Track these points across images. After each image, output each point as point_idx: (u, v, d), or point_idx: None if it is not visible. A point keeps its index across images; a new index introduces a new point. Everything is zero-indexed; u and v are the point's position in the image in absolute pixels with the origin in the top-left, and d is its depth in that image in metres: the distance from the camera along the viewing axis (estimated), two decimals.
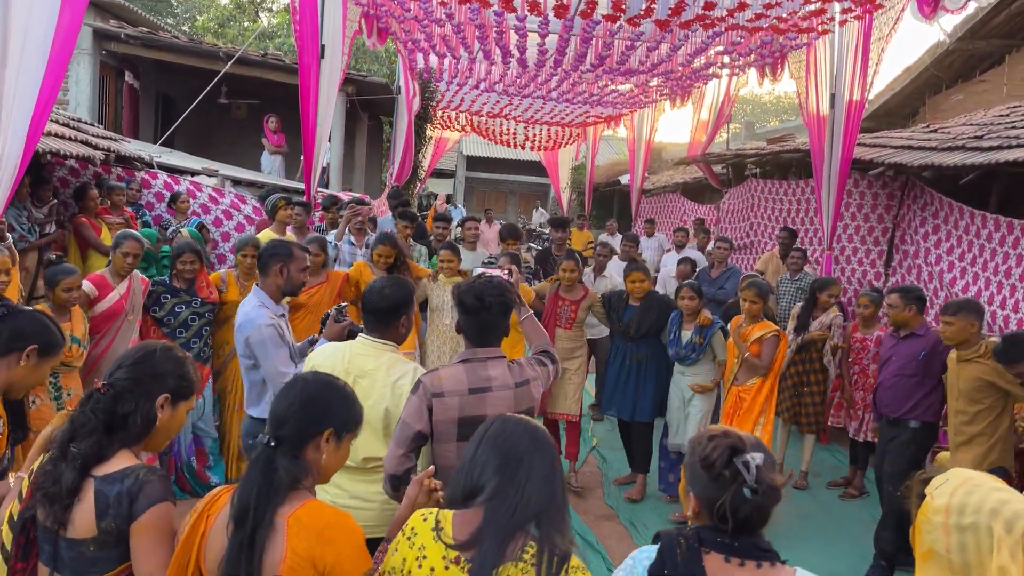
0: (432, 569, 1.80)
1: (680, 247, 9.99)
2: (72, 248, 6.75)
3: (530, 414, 2.77)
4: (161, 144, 10.36)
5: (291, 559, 1.75)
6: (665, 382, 5.73)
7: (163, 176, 8.21)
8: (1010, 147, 6.40)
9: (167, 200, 7.85)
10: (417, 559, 1.82)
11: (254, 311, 3.69)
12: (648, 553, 1.83)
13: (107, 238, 6.56)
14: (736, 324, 5.51)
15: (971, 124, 8.45)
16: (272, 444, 1.89)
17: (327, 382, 2.08)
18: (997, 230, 6.55)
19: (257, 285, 3.84)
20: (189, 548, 1.86)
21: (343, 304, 3.92)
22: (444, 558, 1.80)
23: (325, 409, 2.00)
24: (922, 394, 4.85)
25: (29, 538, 1.97)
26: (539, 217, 23.81)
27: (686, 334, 5.52)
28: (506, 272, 3.36)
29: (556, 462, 1.96)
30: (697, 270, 8.29)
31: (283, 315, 3.87)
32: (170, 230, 7.31)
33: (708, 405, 5.53)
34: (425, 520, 1.88)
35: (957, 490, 1.74)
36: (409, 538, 1.87)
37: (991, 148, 6.64)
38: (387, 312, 3.10)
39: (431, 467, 2.25)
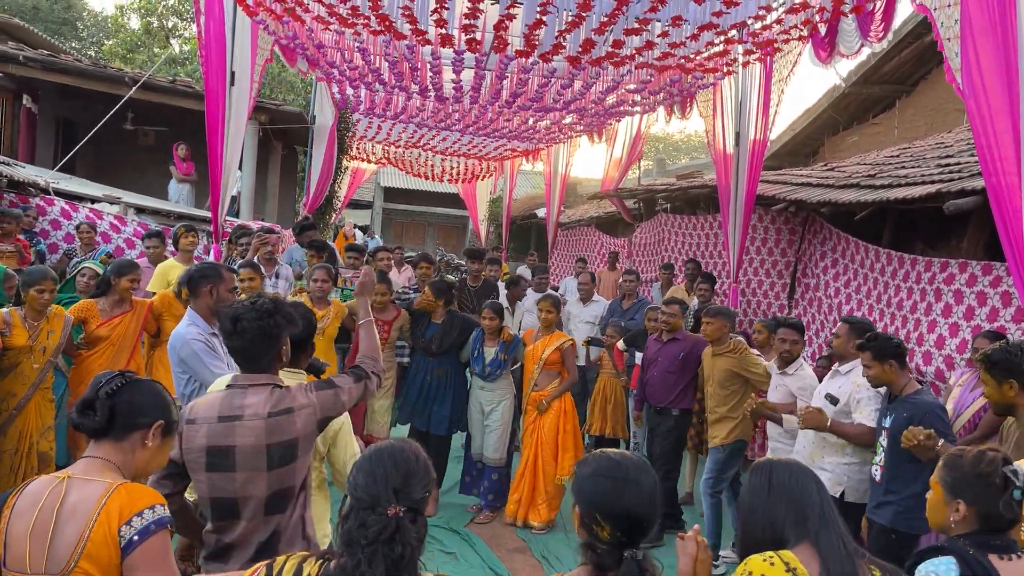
0: None
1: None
2: None
3: (292, 446, 2.55)
4: (60, 170, 9.94)
5: None
6: (462, 398, 6.09)
7: (60, 203, 7.86)
8: (899, 185, 6.77)
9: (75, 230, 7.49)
10: None
11: (184, 328, 3.79)
12: (946, 565, 2.14)
13: None
14: (530, 335, 6.11)
15: (865, 164, 8.90)
16: None
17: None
18: (889, 264, 6.88)
19: (190, 307, 3.88)
20: None
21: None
22: None
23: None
24: (681, 387, 5.95)
25: None
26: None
27: (489, 352, 5.92)
28: (351, 275, 3.27)
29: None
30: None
31: (215, 334, 3.83)
32: (73, 261, 6.99)
33: (507, 417, 6.03)
34: (773, 565, 1.98)
35: None
36: None
37: (883, 186, 7.00)
38: (300, 341, 3.05)
39: (696, 526, 2.18)
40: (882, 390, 4.14)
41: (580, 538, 1.96)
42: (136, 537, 1.98)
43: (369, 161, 16.62)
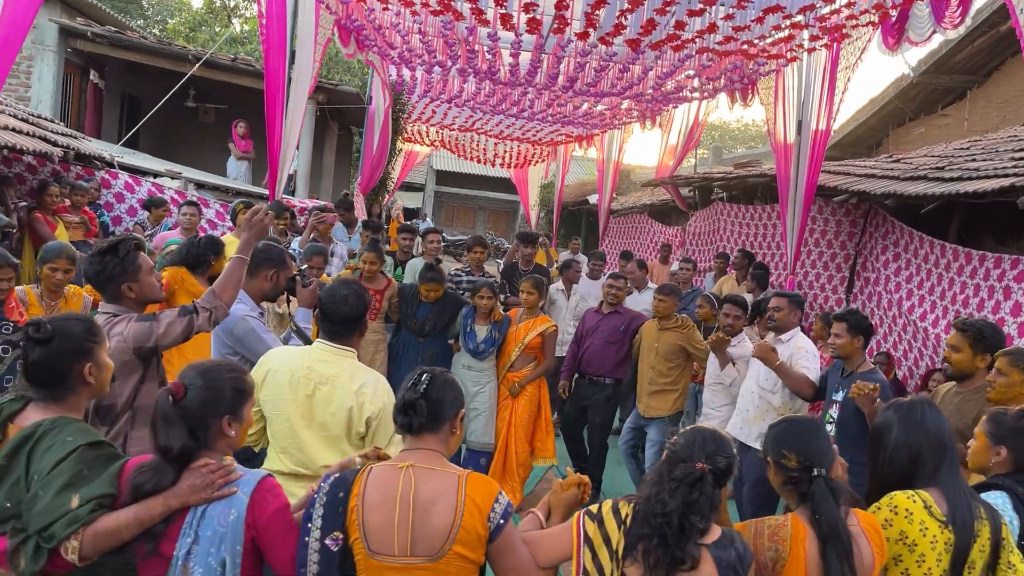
0: (934, 536, 2.38)
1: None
2: (26, 244, 6.57)
3: None
4: (124, 144, 10.17)
5: (878, 557, 2.30)
6: None
7: (124, 176, 8.05)
8: (970, 179, 6.52)
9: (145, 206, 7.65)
10: (920, 531, 2.39)
11: (235, 306, 3.60)
12: (1002, 498, 2.62)
13: (63, 236, 6.40)
14: (516, 314, 6.07)
15: (933, 156, 8.61)
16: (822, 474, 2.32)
17: None
18: (956, 260, 6.65)
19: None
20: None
21: (303, 268, 4.07)
22: (940, 524, 2.39)
23: None
24: (618, 359, 6.17)
25: None
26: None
27: (481, 330, 5.84)
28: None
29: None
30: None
31: (261, 314, 3.81)
32: (147, 232, 7.15)
33: (492, 400, 5.89)
34: (915, 502, 2.42)
35: None
36: (906, 517, 2.40)
37: (952, 179, 6.75)
38: (351, 320, 3.08)
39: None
40: (817, 353, 4.81)
41: (775, 484, 2.44)
42: (502, 520, 2.20)
43: (423, 143, 16.67)
